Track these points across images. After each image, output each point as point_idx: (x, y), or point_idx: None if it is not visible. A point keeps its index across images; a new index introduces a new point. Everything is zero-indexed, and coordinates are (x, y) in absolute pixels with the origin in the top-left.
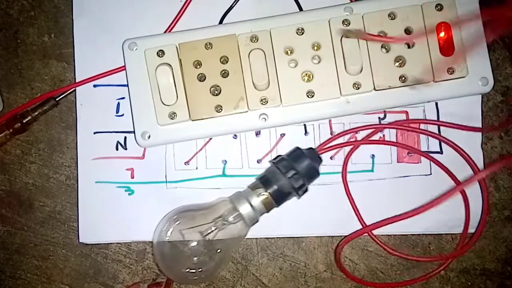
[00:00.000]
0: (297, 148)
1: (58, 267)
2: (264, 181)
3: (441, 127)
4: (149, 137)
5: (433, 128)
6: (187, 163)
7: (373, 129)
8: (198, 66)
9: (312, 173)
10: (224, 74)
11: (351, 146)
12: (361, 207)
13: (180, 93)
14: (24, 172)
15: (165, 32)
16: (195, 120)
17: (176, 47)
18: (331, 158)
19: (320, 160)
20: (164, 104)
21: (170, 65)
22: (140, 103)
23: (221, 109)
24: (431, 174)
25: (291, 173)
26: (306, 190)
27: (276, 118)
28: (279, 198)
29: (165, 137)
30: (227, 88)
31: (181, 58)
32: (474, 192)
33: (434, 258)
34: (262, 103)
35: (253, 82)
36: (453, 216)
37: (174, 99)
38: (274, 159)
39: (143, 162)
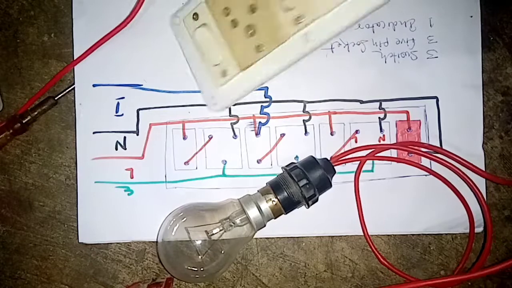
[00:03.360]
0: (312, 157)
1: (58, 267)
2: (274, 187)
3: (442, 126)
4: (215, 103)
5: (435, 127)
6: (186, 163)
7: (387, 147)
8: (228, 13)
9: (324, 184)
10: (253, 8)
11: (367, 153)
12: (362, 207)
13: (223, 48)
14: (24, 172)
15: None
16: (245, 69)
17: (205, 3)
18: (331, 158)
19: (334, 171)
20: (214, 65)
21: (206, 24)
22: (201, 73)
23: (263, 47)
24: (431, 166)
25: (303, 182)
26: (316, 200)
27: (320, 32)
28: (288, 206)
29: (228, 96)
30: (261, 24)
31: (212, 12)
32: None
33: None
34: (298, 23)
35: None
36: (453, 216)
37: (220, 56)
38: (287, 165)
39: (142, 162)
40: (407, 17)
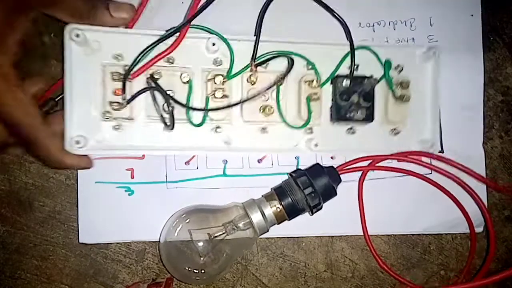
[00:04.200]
0: (318, 165)
1: (58, 267)
2: (279, 192)
3: (442, 124)
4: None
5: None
6: (187, 163)
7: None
8: None
9: (330, 193)
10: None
11: (369, 163)
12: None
13: None
14: (24, 172)
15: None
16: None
17: None
18: (332, 158)
19: (340, 180)
20: None
21: None
22: None
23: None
24: (431, 173)
25: (309, 190)
26: (320, 209)
27: None
28: (291, 212)
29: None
30: None
31: None
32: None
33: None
34: None
35: None
36: (453, 216)
37: None
38: (293, 172)
39: (143, 162)
40: (407, 16)
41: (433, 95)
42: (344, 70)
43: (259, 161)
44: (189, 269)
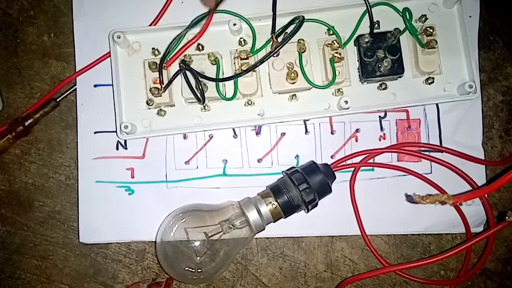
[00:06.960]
0: (312, 162)
1: (58, 267)
2: (275, 190)
3: (441, 124)
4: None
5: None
6: (187, 162)
7: (386, 151)
8: None
9: (325, 189)
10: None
11: (363, 157)
12: (362, 206)
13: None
14: (23, 172)
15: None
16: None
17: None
18: (331, 157)
19: (334, 176)
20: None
21: None
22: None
23: None
24: (431, 172)
25: (304, 186)
26: (315, 205)
27: None
28: (287, 209)
29: None
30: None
31: None
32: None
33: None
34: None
35: None
36: (453, 216)
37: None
38: (288, 170)
39: (143, 161)
40: None
41: (464, 36)
42: (366, 29)
43: (259, 160)
44: (186, 268)
